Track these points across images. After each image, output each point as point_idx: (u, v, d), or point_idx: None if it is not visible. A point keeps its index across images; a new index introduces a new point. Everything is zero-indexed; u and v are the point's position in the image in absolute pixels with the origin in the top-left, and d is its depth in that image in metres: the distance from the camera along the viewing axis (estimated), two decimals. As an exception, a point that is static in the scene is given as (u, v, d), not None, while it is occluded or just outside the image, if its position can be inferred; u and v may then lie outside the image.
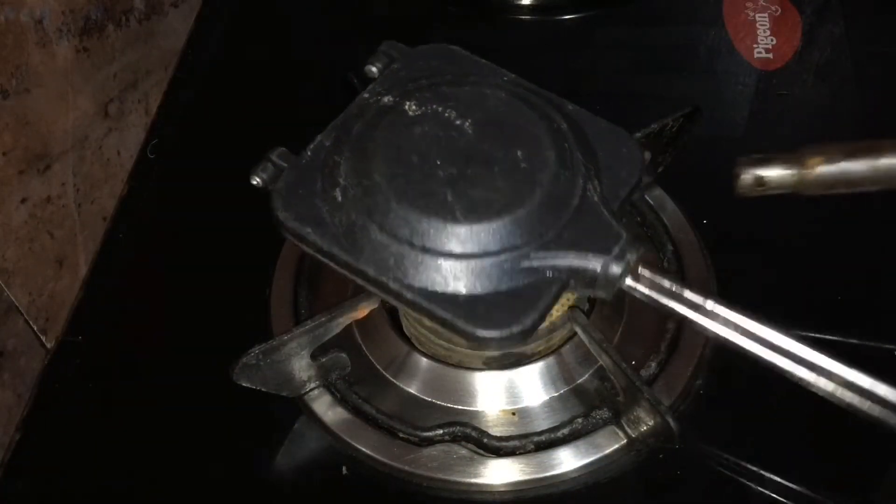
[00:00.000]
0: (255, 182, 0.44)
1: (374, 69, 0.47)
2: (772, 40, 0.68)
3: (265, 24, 0.75)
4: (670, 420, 0.43)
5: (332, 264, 0.42)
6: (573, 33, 0.73)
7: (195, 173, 0.64)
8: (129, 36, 0.66)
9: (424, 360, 0.50)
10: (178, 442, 0.50)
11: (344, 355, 0.50)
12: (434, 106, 0.44)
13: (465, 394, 0.49)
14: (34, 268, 0.55)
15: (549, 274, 0.40)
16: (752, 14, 0.70)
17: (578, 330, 0.48)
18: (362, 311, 0.50)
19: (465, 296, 0.39)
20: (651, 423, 0.45)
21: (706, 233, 0.55)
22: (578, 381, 0.49)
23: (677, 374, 0.49)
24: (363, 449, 0.48)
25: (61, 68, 0.58)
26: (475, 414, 0.49)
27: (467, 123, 0.43)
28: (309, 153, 0.44)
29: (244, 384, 0.47)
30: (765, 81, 0.66)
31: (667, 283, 0.41)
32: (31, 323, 0.55)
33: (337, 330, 0.49)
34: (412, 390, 0.50)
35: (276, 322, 0.53)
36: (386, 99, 0.45)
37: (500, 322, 0.39)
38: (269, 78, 0.70)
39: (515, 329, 0.39)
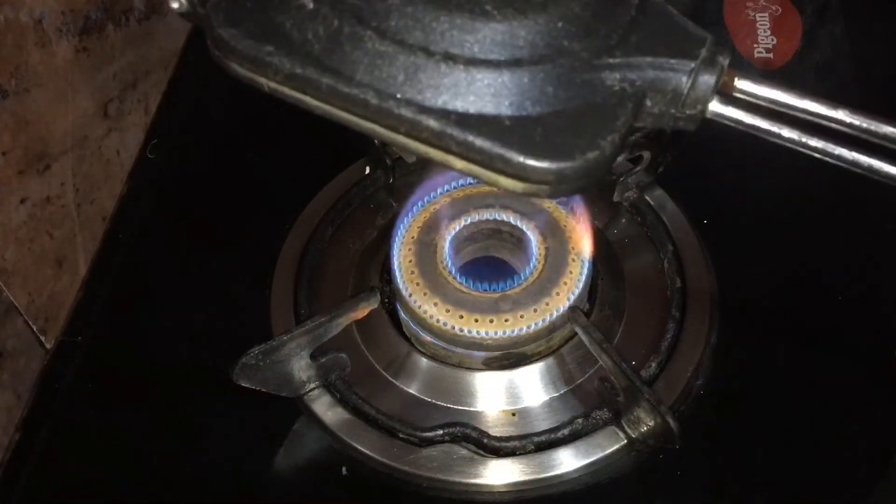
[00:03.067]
0: (175, 6, 0.32)
1: None
2: (772, 40, 0.68)
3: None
4: (670, 420, 0.43)
5: (308, 99, 0.30)
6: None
7: (195, 173, 0.64)
8: (129, 36, 0.65)
9: (424, 360, 0.50)
10: (177, 442, 0.50)
11: (344, 355, 0.50)
12: None
13: (465, 394, 0.49)
14: (33, 268, 0.55)
15: (618, 87, 0.30)
16: (752, 14, 0.70)
17: (578, 330, 0.48)
18: (362, 311, 0.50)
19: (511, 117, 0.29)
20: (651, 423, 0.44)
21: (706, 233, 0.55)
22: (579, 382, 0.49)
23: (677, 375, 0.49)
24: (363, 449, 0.48)
25: (61, 68, 0.58)
26: (475, 414, 0.49)
27: None
28: None
29: (244, 384, 0.47)
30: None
31: (777, 94, 0.31)
32: (30, 323, 0.55)
33: (337, 330, 0.49)
34: (412, 390, 0.50)
35: (276, 322, 0.53)
36: None
37: (569, 148, 0.28)
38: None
39: (591, 154, 0.28)
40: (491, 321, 0.48)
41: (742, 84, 0.32)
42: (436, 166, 0.48)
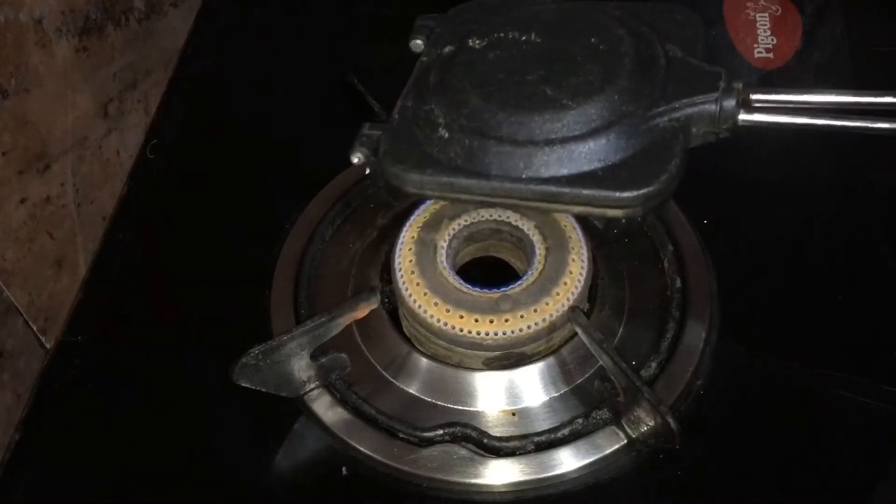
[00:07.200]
0: (356, 160, 0.44)
1: (418, 41, 0.49)
2: (772, 40, 0.68)
3: (264, 24, 0.75)
4: (670, 420, 0.43)
5: (462, 196, 0.43)
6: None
7: (195, 173, 0.64)
8: (129, 36, 0.66)
9: (424, 360, 0.50)
10: (177, 442, 0.50)
11: (344, 355, 0.50)
12: (495, 34, 0.46)
13: (465, 394, 0.49)
14: (34, 268, 0.55)
15: (669, 126, 0.42)
16: (752, 14, 0.70)
17: (578, 330, 0.48)
18: (362, 311, 0.50)
19: (602, 169, 0.41)
20: (651, 423, 0.44)
21: (706, 233, 0.55)
22: (578, 382, 0.49)
23: (677, 375, 0.49)
24: (363, 449, 0.48)
25: (61, 68, 0.58)
26: (475, 414, 0.49)
27: (532, 35, 0.45)
28: (396, 116, 0.45)
29: (244, 384, 0.47)
30: (765, 81, 0.66)
31: (784, 96, 0.42)
32: (30, 323, 0.55)
33: (337, 330, 0.49)
34: (412, 390, 0.50)
35: (276, 322, 0.53)
36: (447, 49, 0.47)
37: (647, 178, 0.40)
38: (269, 78, 0.70)
39: (664, 177, 0.40)
40: (491, 321, 0.48)
41: (756, 96, 0.42)
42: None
